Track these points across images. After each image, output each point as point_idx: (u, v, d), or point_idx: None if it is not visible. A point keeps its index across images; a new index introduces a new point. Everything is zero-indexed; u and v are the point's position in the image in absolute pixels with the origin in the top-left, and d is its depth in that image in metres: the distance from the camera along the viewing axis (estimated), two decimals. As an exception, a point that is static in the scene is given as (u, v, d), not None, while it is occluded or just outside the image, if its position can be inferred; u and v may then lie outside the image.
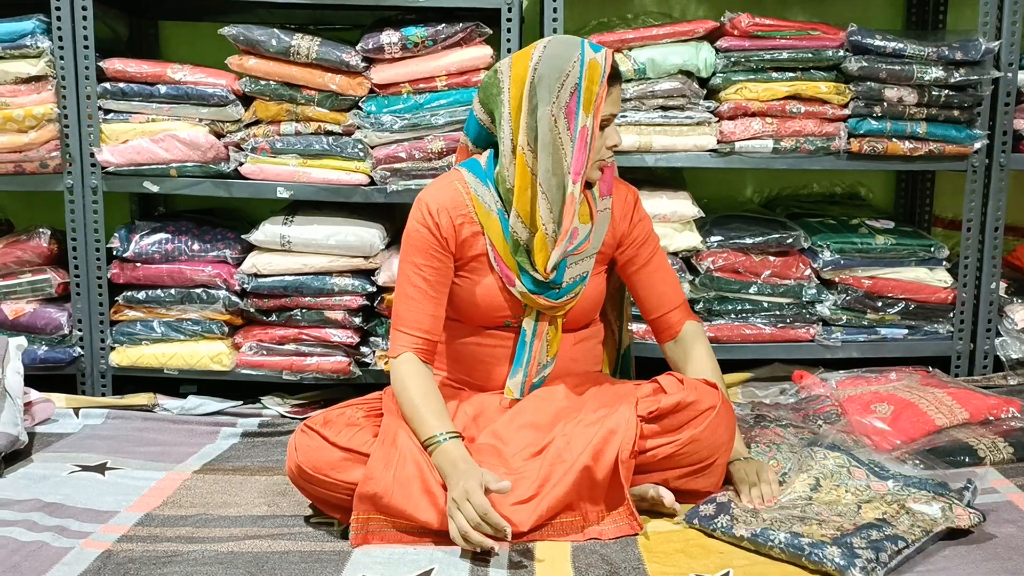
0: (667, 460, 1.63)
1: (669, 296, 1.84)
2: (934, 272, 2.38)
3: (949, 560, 1.47)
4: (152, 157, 2.26)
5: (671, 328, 1.84)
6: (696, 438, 1.62)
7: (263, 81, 2.24)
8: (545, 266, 1.68)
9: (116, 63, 2.27)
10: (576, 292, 1.74)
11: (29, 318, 2.35)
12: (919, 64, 2.25)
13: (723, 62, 2.26)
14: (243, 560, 1.50)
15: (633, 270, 1.83)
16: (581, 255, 1.74)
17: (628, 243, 1.81)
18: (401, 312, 1.70)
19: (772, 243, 2.35)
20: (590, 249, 1.75)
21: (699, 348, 1.82)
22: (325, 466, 1.58)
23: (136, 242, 2.32)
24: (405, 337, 1.68)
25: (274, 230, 2.28)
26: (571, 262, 1.73)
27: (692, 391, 1.64)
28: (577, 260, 1.74)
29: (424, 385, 1.65)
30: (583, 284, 1.75)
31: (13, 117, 2.24)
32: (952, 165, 2.35)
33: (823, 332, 2.37)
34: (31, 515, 1.65)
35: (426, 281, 1.69)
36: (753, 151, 2.29)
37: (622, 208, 1.80)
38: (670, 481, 1.65)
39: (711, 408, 1.62)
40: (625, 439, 1.57)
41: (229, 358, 2.33)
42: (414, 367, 1.67)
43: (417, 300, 1.69)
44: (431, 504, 1.54)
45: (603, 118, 1.65)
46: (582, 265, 1.75)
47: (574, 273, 1.74)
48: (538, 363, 1.76)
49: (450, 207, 1.71)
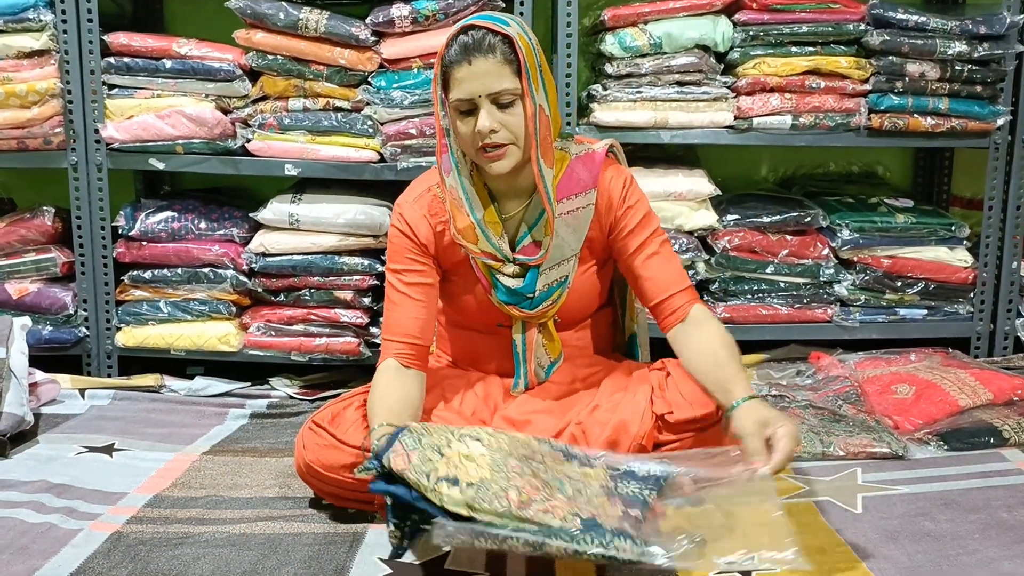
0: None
1: (672, 279, 1.61)
2: (954, 251, 2.34)
3: (979, 543, 1.44)
4: (158, 133, 2.22)
5: (676, 311, 1.59)
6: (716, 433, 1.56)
7: (270, 56, 2.19)
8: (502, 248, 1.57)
9: (120, 37, 2.22)
10: (555, 298, 1.63)
11: (33, 298, 2.31)
12: (942, 38, 2.20)
13: (741, 36, 2.21)
14: (256, 542, 1.47)
15: (627, 256, 1.63)
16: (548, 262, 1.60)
17: (617, 231, 1.63)
18: (386, 319, 1.63)
19: (789, 222, 2.31)
20: (561, 254, 1.60)
21: (712, 327, 1.58)
22: (335, 464, 1.53)
23: (142, 220, 2.28)
24: (389, 344, 1.60)
25: (282, 208, 2.24)
26: (544, 268, 1.60)
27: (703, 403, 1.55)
28: (549, 266, 1.60)
29: (391, 402, 1.51)
30: (564, 288, 1.63)
31: (16, 92, 2.20)
32: (974, 142, 2.30)
33: (841, 313, 2.33)
34: (38, 496, 1.63)
35: (408, 286, 1.62)
36: (771, 127, 2.24)
37: (608, 198, 1.62)
38: None
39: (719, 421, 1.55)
40: (637, 433, 1.53)
41: (237, 339, 2.30)
42: (389, 378, 1.55)
43: (400, 305, 1.61)
44: None
45: (463, 99, 1.47)
46: (559, 270, 1.62)
47: (549, 279, 1.61)
48: (540, 367, 1.70)
49: (428, 214, 1.62)
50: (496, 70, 1.45)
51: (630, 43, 2.20)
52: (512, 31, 1.48)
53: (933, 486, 1.66)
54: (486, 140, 1.49)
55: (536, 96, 1.48)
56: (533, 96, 1.48)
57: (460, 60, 1.47)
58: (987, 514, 1.53)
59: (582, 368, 1.73)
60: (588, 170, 1.61)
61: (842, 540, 1.46)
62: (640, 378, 1.64)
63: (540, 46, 1.54)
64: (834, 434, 1.85)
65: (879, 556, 1.40)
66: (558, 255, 1.61)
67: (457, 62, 1.47)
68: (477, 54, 1.45)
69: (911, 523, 1.51)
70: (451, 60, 1.48)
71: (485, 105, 1.47)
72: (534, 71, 1.48)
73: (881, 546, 1.44)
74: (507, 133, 1.49)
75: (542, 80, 1.51)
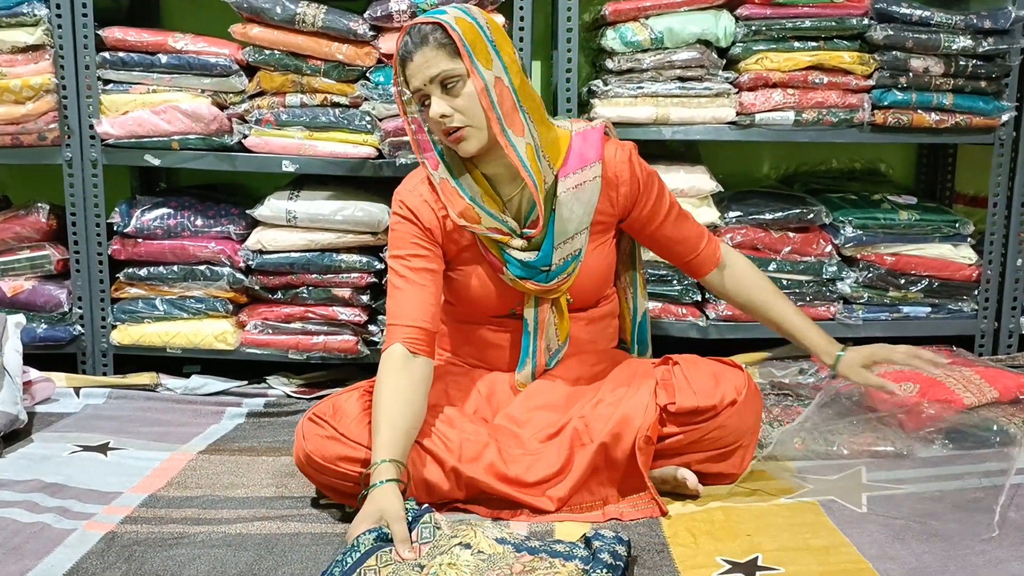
0: (690, 445, 1.59)
1: (695, 235, 1.75)
2: (958, 249, 2.32)
3: (987, 543, 1.42)
4: (153, 129, 2.20)
5: (709, 262, 1.76)
6: (721, 425, 1.57)
7: (267, 50, 2.17)
8: None
9: (116, 32, 2.20)
10: (569, 271, 1.64)
11: (28, 295, 2.29)
12: (946, 33, 2.18)
13: (743, 31, 2.19)
14: (252, 542, 1.45)
15: (654, 228, 1.71)
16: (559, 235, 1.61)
17: (641, 206, 1.68)
18: (391, 307, 1.61)
19: (792, 219, 2.29)
20: (573, 227, 1.62)
21: (741, 265, 1.77)
22: (335, 456, 1.52)
23: (137, 217, 2.26)
24: (395, 329, 1.58)
25: (279, 205, 2.22)
26: (558, 242, 1.62)
27: (708, 395, 1.56)
28: (562, 240, 1.62)
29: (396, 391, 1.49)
30: (577, 261, 1.65)
31: (10, 87, 2.18)
32: (978, 138, 2.28)
33: (844, 310, 2.31)
34: (32, 496, 1.60)
35: (412, 270, 1.61)
36: (774, 123, 2.22)
37: (615, 171, 1.64)
38: (692, 464, 1.60)
39: (732, 403, 1.56)
40: (642, 426, 1.52)
41: (234, 337, 2.28)
42: (397, 371, 1.52)
43: (404, 291, 1.60)
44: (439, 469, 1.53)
45: (416, 92, 1.54)
46: (572, 243, 1.63)
47: (564, 253, 1.63)
48: (548, 350, 1.69)
49: (431, 200, 1.63)
50: (431, 57, 1.51)
51: (631, 38, 2.18)
52: (446, 18, 1.52)
53: (939, 485, 1.64)
54: (444, 125, 1.54)
55: (483, 72, 1.51)
56: (480, 72, 1.51)
57: (406, 58, 1.54)
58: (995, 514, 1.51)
59: (588, 365, 1.72)
60: (591, 144, 1.64)
61: (847, 540, 1.44)
62: (644, 373, 1.63)
63: (493, 25, 1.57)
64: (838, 433, 1.82)
65: (885, 556, 1.38)
66: (571, 228, 1.62)
67: (406, 60, 1.55)
68: (416, 48, 1.52)
69: (917, 523, 1.49)
70: (402, 59, 1.56)
71: (435, 92, 1.53)
72: (478, 49, 1.52)
73: (887, 546, 1.41)
74: (460, 116, 1.53)
75: (496, 55, 1.54)
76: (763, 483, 1.66)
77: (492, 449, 1.55)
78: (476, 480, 1.52)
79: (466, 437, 1.55)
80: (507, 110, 1.53)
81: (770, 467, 1.73)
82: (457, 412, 1.62)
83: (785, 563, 1.37)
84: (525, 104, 1.56)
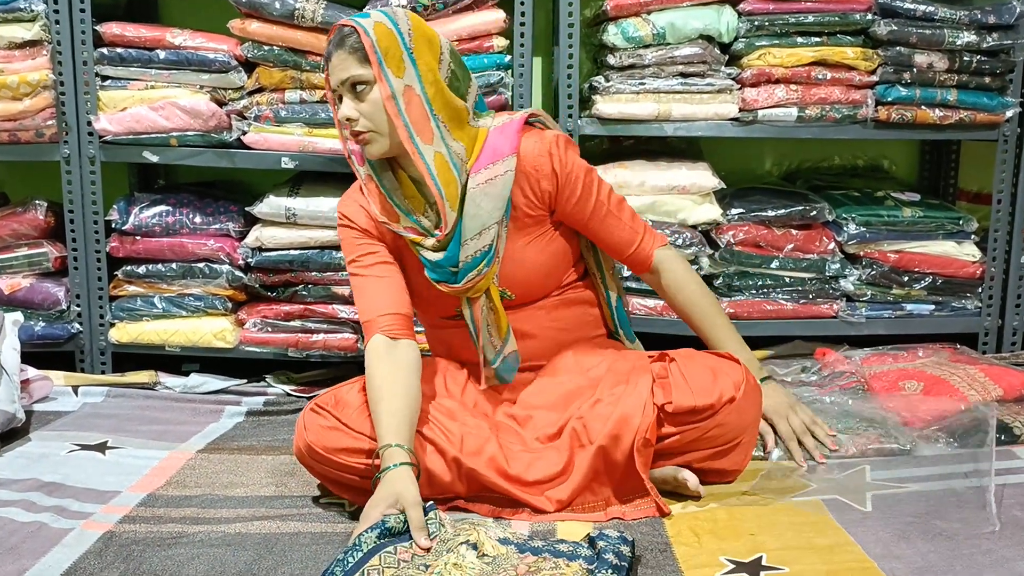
0: (690, 444, 1.57)
1: (627, 235, 1.70)
2: (962, 246, 2.30)
3: (993, 542, 1.40)
4: (152, 126, 2.18)
5: (639, 266, 1.74)
6: (721, 423, 1.56)
7: (266, 46, 2.15)
8: None
9: (114, 27, 2.18)
10: (480, 269, 1.58)
11: (25, 293, 2.28)
12: (950, 28, 2.16)
13: (746, 26, 2.17)
14: (252, 541, 1.44)
15: (581, 224, 1.68)
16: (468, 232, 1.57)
17: (564, 200, 1.64)
18: (359, 306, 1.62)
19: (795, 216, 2.27)
20: (480, 223, 1.57)
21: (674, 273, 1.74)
22: (336, 447, 1.52)
23: (135, 215, 2.24)
24: (369, 324, 1.59)
25: (279, 202, 2.20)
26: (465, 238, 1.57)
27: (706, 393, 1.54)
28: (470, 236, 1.57)
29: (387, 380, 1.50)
30: (488, 258, 1.58)
31: (7, 84, 2.16)
32: (982, 134, 2.27)
33: (847, 308, 2.30)
34: (29, 495, 1.59)
35: (367, 267, 1.62)
36: (776, 120, 2.20)
37: (533, 165, 1.60)
38: (693, 463, 1.59)
39: (731, 400, 1.55)
40: (640, 428, 1.51)
41: (233, 335, 2.26)
42: (384, 361, 1.53)
43: (367, 288, 1.62)
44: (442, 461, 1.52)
45: (334, 88, 1.56)
46: (480, 239, 1.57)
47: (472, 249, 1.57)
48: (493, 347, 1.65)
49: (366, 204, 1.64)
50: (344, 60, 1.53)
51: (633, 33, 2.16)
52: (366, 22, 1.53)
53: (944, 484, 1.62)
54: (349, 128, 1.56)
55: (392, 80, 1.51)
56: (388, 80, 1.51)
57: (327, 58, 1.57)
58: (1000, 512, 1.50)
59: (579, 353, 1.69)
60: (506, 138, 1.60)
61: (852, 539, 1.42)
62: (641, 368, 1.61)
63: (418, 32, 1.56)
64: (841, 431, 1.81)
65: (891, 555, 1.37)
66: (478, 224, 1.58)
67: (327, 59, 1.57)
68: (334, 50, 1.55)
69: (922, 522, 1.48)
70: (325, 58, 1.58)
71: (346, 94, 1.55)
72: (390, 56, 1.52)
73: (892, 545, 1.40)
74: (365, 121, 1.54)
75: (411, 63, 1.53)
76: (766, 482, 1.65)
77: (493, 444, 1.54)
78: (477, 473, 1.51)
79: (468, 430, 1.55)
80: (416, 118, 1.52)
81: (773, 465, 1.72)
82: (458, 405, 1.61)
83: (789, 562, 1.36)
84: (440, 113, 1.55)
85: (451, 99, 1.57)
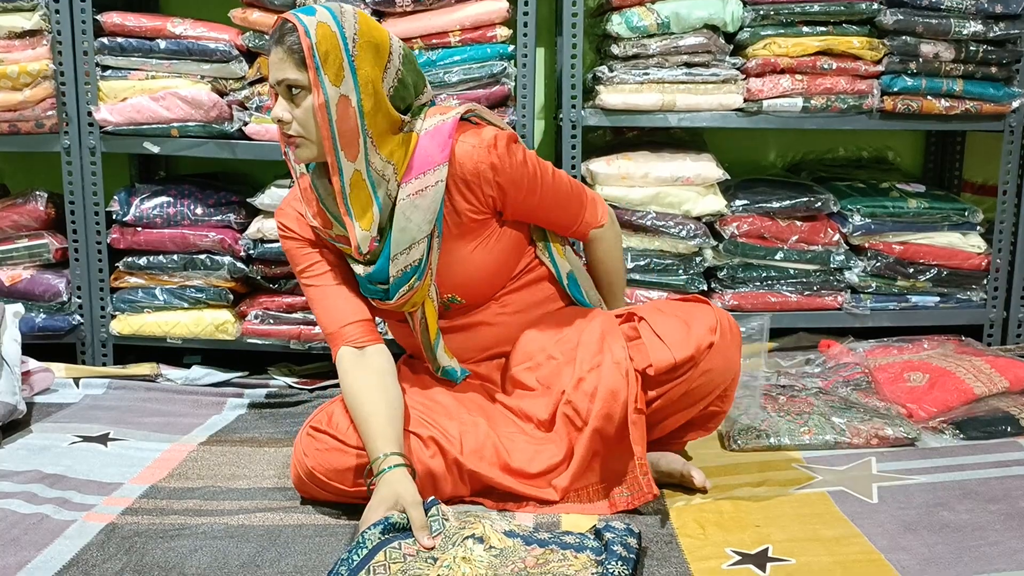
0: (682, 399, 1.54)
1: (568, 219, 1.67)
2: (967, 237, 2.29)
3: (1000, 534, 1.40)
4: (152, 116, 2.17)
5: (581, 239, 1.74)
6: (706, 370, 1.52)
7: (267, 36, 2.13)
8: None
9: (114, 17, 2.17)
10: (411, 284, 1.52)
11: (26, 284, 2.27)
12: (956, 18, 2.15)
13: (751, 15, 2.16)
14: (254, 533, 1.43)
15: (527, 214, 1.62)
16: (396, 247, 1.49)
17: (507, 204, 1.56)
18: (319, 317, 1.58)
19: (800, 207, 2.26)
20: (409, 237, 1.49)
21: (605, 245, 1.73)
22: (340, 467, 1.47)
23: (136, 206, 2.23)
24: (332, 336, 1.55)
25: (280, 193, 2.19)
26: (394, 252, 1.50)
27: (683, 345, 1.49)
28: (399, 251, 1.50)
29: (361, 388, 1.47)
30: (420, 272, 1.52)
31: (7, 74, 2.15)
32: (988, 125, 2.25)
33: (851, 300, 2.29)
34: (31, 487, 1.58)
35: (318, 276, 1.58)
36: (781, 110, 2.19)
37: (474, 168, 1.50)
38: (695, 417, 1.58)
39: (710, 345, 1.50)
40: (628, 398, 1.47)
41: (234, 327, 2.25)
42: (350, 364, 1.50)
43: (322, 299, 1.57)
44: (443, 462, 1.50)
45: (271, 84, 1.46)
46: (409, 254, 1.51)
47: (402, 264, 1.51)
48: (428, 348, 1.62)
49: (305, 212, 1.57)
50: (282, 60, 1.43)
51: (637, 23, 2.15)
52: (309, 20, 1.40)
53: (950, 475, 1.62)
54: (281, 130, 1.47)
55: (328, 88, 1.39)
56: (324, 88, 1.39)
57: (268, 49, 1.46)
58: (1007, 504, 1.49)
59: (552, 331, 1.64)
60: (437, 144, 1.49)
61: (858, 531, 1.42)
62: (612, 332, 1.56)
63: (365, 36, 1.43)
64: (845, 420, 1.80)
65: (897, 547, 1.36)
66: (407, 238, 1.50)
67: (267, 51, 1.48)
68: (274, 44, 1.44)
69: (929, 513, 1.47)
70: (265, 51, 1.50)
71: (281, 94, 1.45)
72: (329, 62, 1.39)
73: (899, 537, 1.40)
74: (296, 126, 1.44)
75: (351, 72, 1.41)
76: (771, 474, 1.64)
77: (493, 438, 1.52)
78: (479, 474, 1.50)
79: (466, 429, 1.53)
80: (345, 131, 1.42)
81: (778, 457, 1.71)
82: (452, 400, 1.59)
83: (796, 554, 1.35)
84: (371, 129, 1.44)
85: (388, 111, 1.46)
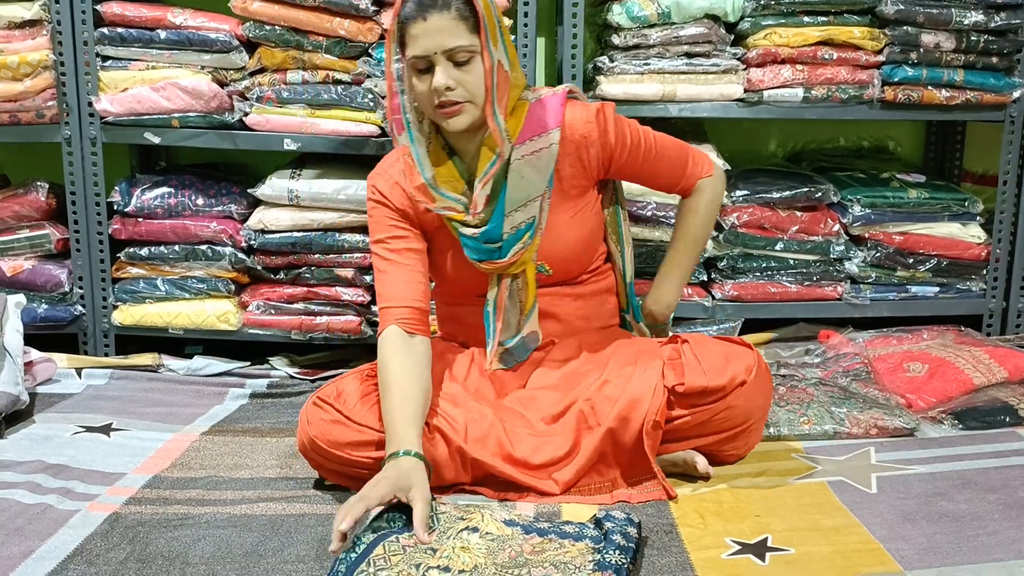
0: (699, 427, 1.57)
1: (675, 173, 1.69)
2: (967, 227, 2.30)
3: (999, 523, 1.41)
4: (153, 106, 2.17)
5: (686, 192, 1.74)
6: (731, 406, 1.55)
7: (268, 26, 2.13)
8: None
9: (114, 7, 2.16)
10: (525, 241, 1.58)
11: (28, 275, 2.27)
12: (958, 7, 2.14)
13: (752, 5, 2.15)
14: (258, 523, 1.44)
15: (633, 173, 1.68)
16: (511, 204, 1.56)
17: (614, 162, 1.63)
18: (380, 290, 1.59)
19: (800, 197, 2.26)
20: (525, 194, 1.56)
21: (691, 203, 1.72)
22: (340, 440, 1.50)
23: (137, 196, 2.23)
24: (388, 312, 1.56)
25: (281, 184, 2.19)
26: (509, 209, 1.56)
27: (718, 374, 1.53)
28: (514, 208, 1.56)
29: (401, 370, 1.48)
30: (532, 230, 1.58)
31: (7, 64, 2.15)
32: (989, 115, 2.25)
33: (851, 290, 2.29)
34: (34, 477, 1.59)
35: (395, 252, 1.59)
36: (782, 100, 2.19)
37: (581, 136, 1.58)
38: (701, 448, 1.59)
39: (742, 383, 1.54)
40: (650, 410, 1.50)
41: (236, 317, 2.26)
42: (397, 345, 1.51)
43: (390, 273, 1.58)
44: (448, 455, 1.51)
45: (419, 56, 1.46)
46: (525, 211, 1.57)
47: (516, 221, 1.56)
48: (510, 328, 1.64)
49: (402, 181, 1.59)
50: (452, 26, 1.44)
51: (638, 13, 2.14)
52: None
53: (949, 465, 1.62)
54: (443, 97, 1.47)
55: (494, 52, 1.47)
56: (491, 51, 1.46)
57: (415, 16, 1.45)
58: (1006, 494, 1.50)
59: (589, 345, 1.69)
60: (549, 111, 1.57)
61: (857, 521, 1.42)
62: (651, 352, 1.60)
63: (496, 6, 1.52)
64: (845, 409, 1.81)
65: (896, 537, 1.37)
66: (522, 195, 1.56)
67: (412, 18, 1.46)
68: (432, 10, 1.43)
69: (928, 503, 1.48)
70: (407, 16, 1.47)
71: (441, 62, 1.46)
72: (492, 27, 1.47)
73: (898, 527, 1.40)
74: (463, 91, 1.48)
75: (501, 36, 1.50)
76: (771, 464, 1.65)
77: (498, 428, 1.53)
78: (481, 462, 1.51)
79: (471, 417, 1.54)
80: (501, 94, 1.50)
81: (778, 447, 1.72)
82: (460, 390, 1.60)
83: (795, 543, 1.36)
84: (513, 92, 1.54)
85: (520, 75, 1.57)
